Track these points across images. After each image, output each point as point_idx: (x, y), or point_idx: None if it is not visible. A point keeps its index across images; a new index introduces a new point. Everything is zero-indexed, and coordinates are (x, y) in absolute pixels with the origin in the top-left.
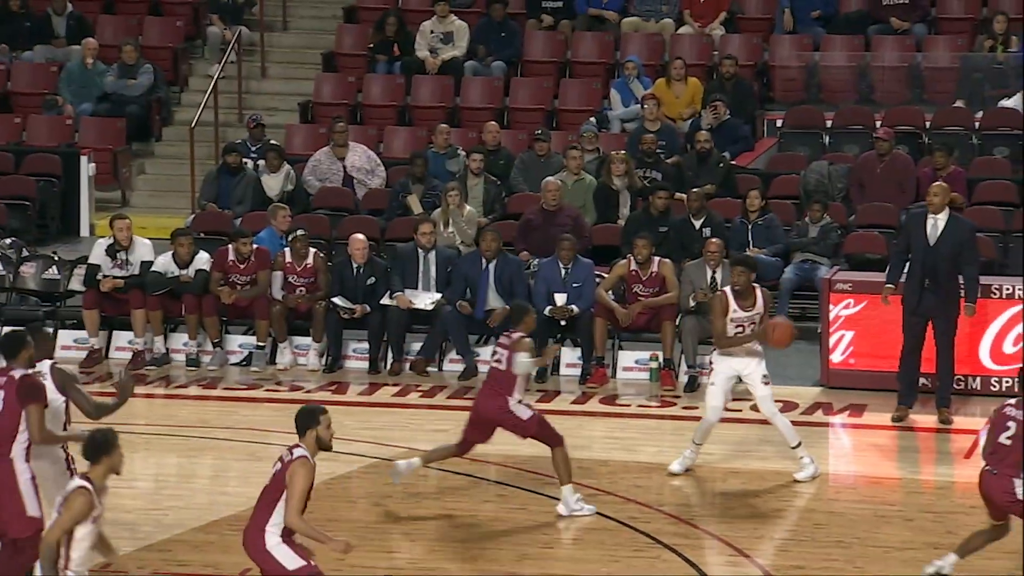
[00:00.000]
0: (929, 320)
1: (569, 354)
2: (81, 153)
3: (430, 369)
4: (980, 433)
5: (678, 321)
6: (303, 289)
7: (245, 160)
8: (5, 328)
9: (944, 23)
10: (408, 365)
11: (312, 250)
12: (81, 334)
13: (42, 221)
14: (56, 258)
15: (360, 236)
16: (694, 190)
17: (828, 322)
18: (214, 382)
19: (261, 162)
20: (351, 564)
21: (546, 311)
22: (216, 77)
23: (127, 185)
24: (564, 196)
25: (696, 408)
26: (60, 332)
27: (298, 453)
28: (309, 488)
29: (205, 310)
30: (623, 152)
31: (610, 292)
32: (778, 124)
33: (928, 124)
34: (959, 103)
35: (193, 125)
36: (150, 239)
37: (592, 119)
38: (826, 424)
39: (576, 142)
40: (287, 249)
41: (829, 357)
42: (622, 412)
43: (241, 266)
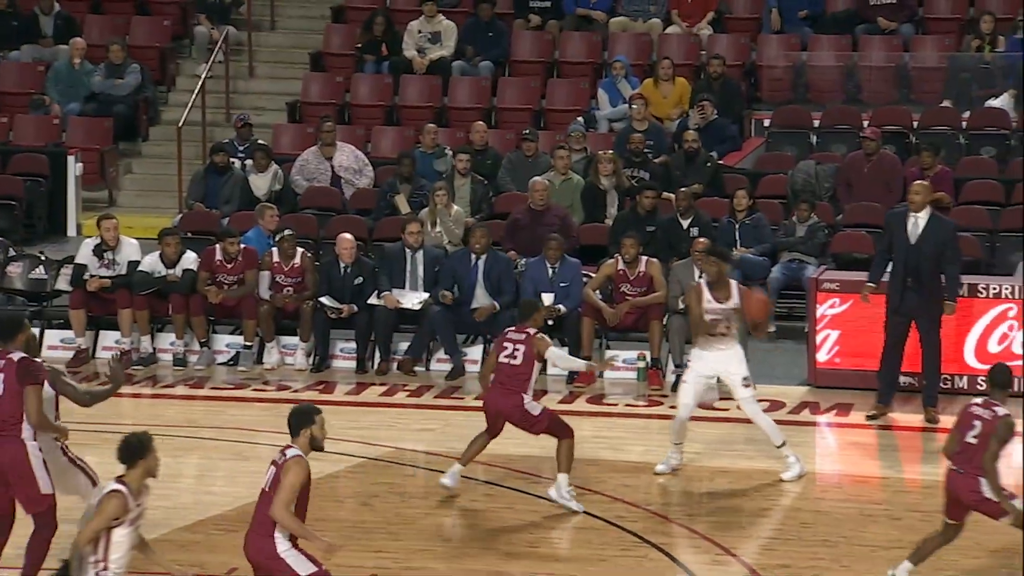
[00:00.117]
0: (912, 319)
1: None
2: (68, 153)
3: (417, 369)
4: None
5: (665, 321)
6: (291, 289)
7: (233, 160)
8: None
9: (931, 23)
10: (396, 365)
11: (300, 250)
12: (68, 334)
13: (29, 221)
14: (43, 258)
15: (348, 236)
16: (682, 190)
17: (815, 321)
18: (201, 382)
19: (249, 162)
20: (337, 564)
21: None
22: (204, 77)
23: (114, 185)
24: (552, 196)
25: None
26: (47, 332)
27: (291, 453)
28: (304, 486)
29: (192, 310)
30: (611, 152)
31: (597, 292)
32: (766, 124)
33: (915, 124)
34: (946, 103)
35: (180, 125)
36: (137, 239)
37: (580, 119)
38: (812, 423)
39: (564, 142)
40: (275, 249)
41: (816, 356)
42: (609, 411)
43: (228, 266)
